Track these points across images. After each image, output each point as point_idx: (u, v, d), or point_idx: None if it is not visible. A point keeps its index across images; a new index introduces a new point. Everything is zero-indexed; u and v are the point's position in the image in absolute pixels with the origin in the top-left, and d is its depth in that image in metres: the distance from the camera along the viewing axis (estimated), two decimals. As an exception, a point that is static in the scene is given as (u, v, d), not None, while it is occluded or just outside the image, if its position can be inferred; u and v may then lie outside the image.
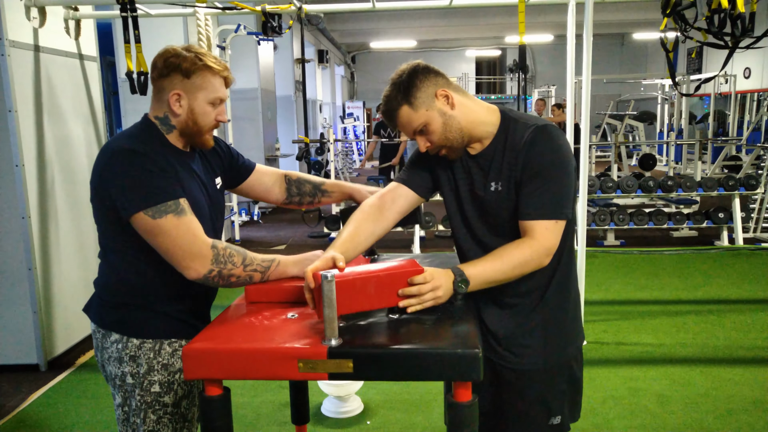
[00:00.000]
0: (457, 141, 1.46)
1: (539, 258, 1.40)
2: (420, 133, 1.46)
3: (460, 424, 1.19)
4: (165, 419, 1.52)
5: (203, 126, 1.50)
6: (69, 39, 3.84)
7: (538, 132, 1.42)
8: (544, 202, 1.40)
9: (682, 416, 2.81)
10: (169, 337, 1.52)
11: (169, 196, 1.38)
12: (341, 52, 17.62)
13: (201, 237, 1.41)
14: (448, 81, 1.47)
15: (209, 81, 1.47)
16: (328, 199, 1.85)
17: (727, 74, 11.11)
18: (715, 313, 4.22)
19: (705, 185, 6.26)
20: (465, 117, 1.45)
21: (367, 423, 2.83)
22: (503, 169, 1.45)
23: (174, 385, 1.52)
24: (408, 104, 1.43)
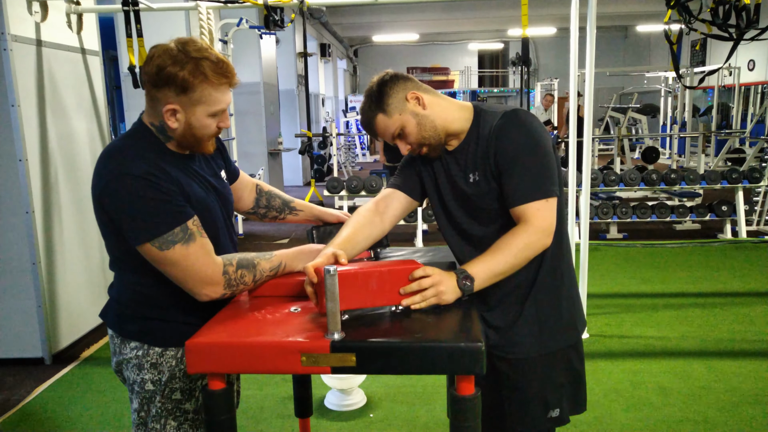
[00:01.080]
0: (433, 138, 1.50)
1: (539, 239, 1.40)
2: (398, 137, 1.51)
3: (463, 418, 1.20)
4: (186, 426, 1.50)
5: (203, 137, 1.41)
6: (71, 33, 3.84)
7: (506, 118, 1.45)
8: (527, 184, 1.41)
9: (684, 409, 2.82)
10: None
11: (175, 223, 1.32)
12: (343, 46, 17.58)
13: (212, 263, 1.36)
14: (418, 84, 1.52)
15: (210, 94, 1.35)
16: (295, 218, 1.83)
17: (731, 66, 11.05)
18: (718, 305, 4.22)
19: (708, 178, 6.24)
20: (438, 115, 1.50)
21: (370, 416, 2.84)
22: (477, 159, 1.49)
23: (195, 392, 1.51)
24: (382, 112, 1.49)
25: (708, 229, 6.68)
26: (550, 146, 1.46)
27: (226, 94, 1.39)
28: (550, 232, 1.42)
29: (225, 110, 1.41)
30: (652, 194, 7.55)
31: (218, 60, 1.36)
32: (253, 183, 1.80)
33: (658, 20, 12.86)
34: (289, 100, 11.21)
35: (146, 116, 1.43)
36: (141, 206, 1.31)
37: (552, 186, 1.43)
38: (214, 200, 1.50)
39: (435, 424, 2.75)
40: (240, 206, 1.78)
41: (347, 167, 12.38)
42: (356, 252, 1.53)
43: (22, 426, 2.84)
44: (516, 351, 1.55)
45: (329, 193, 6.41)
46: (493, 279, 1.39)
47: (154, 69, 1.32)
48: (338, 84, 17.05)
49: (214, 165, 1.58)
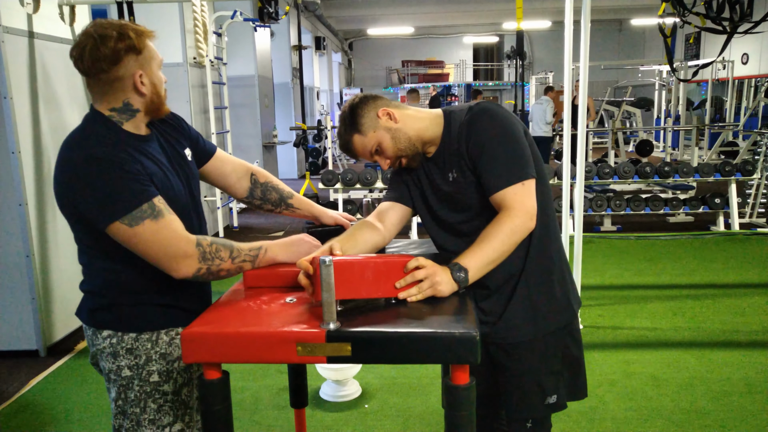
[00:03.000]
0: (410, 149, 1.55)
1: (523, 222, 1.42)
2: (376, 153, 1.56)
3: (457, 407, 1.21)
4: (166, 407, 1.51)
5: (162, 95, 1.47)
6: (64, 25, 3.82)
7: (472, 112, 1.50)
8: (501, 170, 1.45)
9: (677, 398, 2.85)
10: (165, 326, 1.51)
11: (143, 199, 1.32)
12: (338, 39, 17.53)
13: (184, 237, 1.36)
14: (388, 101, 1.57)
15: (152, 49, 1.44)
16: (292, 214, 1.81)
17: (725, 60, 11.09)
18: (711, 297, 4.25)
19: (702, 171, 6.27)
20: (410, 126, 1.54)
21: (365, 406, 2.86)
22: (453, 158, 1.53)
23: (173, 373, 1.52)
24: (357, 132, 1.54)
25: (701, 221, 6.72)
26: (519, 131, 1.49)
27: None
28: (532, 214, 1.44)
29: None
30: (646, 187, 7.58)
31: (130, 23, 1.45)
32: (245, 168, 1.74)
33: (652, 14, 12.88)
34: (284, 93, 11.18)
35: (102, 106, 1.42)
36: (107, 186, 1.31)
37: (526, 168, 1.46)
38: (176, 180, 1.49)
39: (430, 415, 2.77)
40: (231, 191, 1.74)
41: (342, 160, 12.37)
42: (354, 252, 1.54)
43: (17, 418, 2.84)
44: (511, 335, 1.56)
45: (324, 186, 6.41)
46: (485, 268, 1.41)
47: (108, 51, 1.35)
48: (333, 77, 17.01)
49: (175, 143, 1.56)
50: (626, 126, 12.56)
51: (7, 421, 2.82)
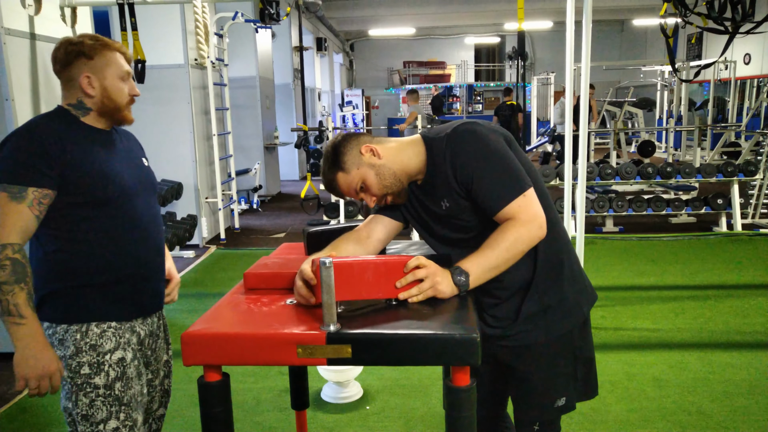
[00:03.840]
0: (395, 186, 1.52)
1: (529, 231, 1.40)
2: (361, 190, 1.53)
3: (458, 409, 1.20)
4: (98, 402, 1.52)
5: (119, 101, 1.59)
6: (65, 27, 3.82)
7: (449, 139, 1.46)
8: (497, 190, 1.41)
9: (679, 400, 2.84)
10: (96, 319, 1.54)
11: (23, 181, 1.44)
12: (340, 40, 17.54)
13: (6, 231, 1.41)
14: (370, 137, 1.57)
15: (111, 58, 1.57)
16: None
17: (727, 60, 11.08)
18: (713, 298, 4.24)
19: (704, 171, 6.26)
20: (393, 161, 1.52)
21: (367, 408, 2.85)
22: (443, 187, 1.49)
23: (104, 365, 1.53)
24: (340, 170, 1.52)
25: (703, 222, 6.71)
26: (503, 145, 1.46)
27: (123, 61, 1.61)
28: (540, 222, 1.41)
29: (130, 78, 1.62)
30: (648, 188, 7.56)
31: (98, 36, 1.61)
32: None
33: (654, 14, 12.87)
34: (285, 94, 11.17)
35: (63, 101, 1.61)
36: (12, 152, 1.46)
37: (521, 180, 1.43)
38: (132, 174, 1.61)
39: (431, 416, 2.76)
40: None
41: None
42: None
43: (18, 420, 2.84)
44: (522, 338, 1.54)
45: (325, 187, 6.40)
46: (487, 274, 1.40)
47: (61, 54, 1.57)
48: (334, 78, 17.01)
49: (137, 150, 1.74)
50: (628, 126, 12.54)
51: (8, 423, 2.82)
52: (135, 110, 1.67)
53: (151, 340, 1.70)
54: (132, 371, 1.57)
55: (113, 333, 1.55)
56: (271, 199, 9.27)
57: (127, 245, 1.57)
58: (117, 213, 1.55)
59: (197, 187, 6.07)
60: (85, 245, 1.52)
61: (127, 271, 1.58)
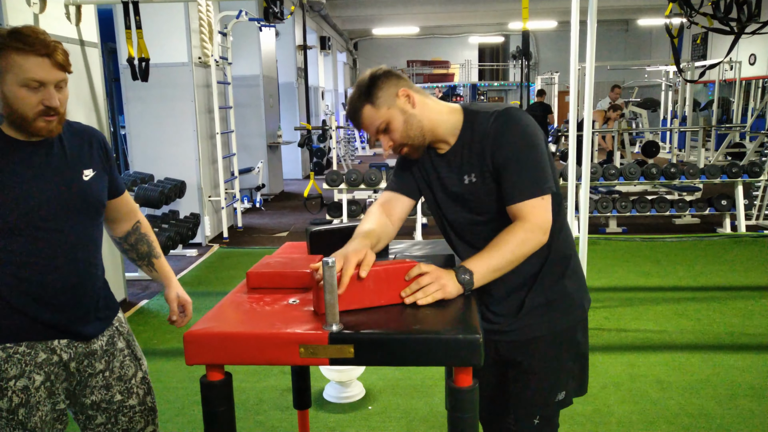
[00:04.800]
0: (418, 139, 1.50)
1: (535, 236, 1.41)
2: (383, 131, 1.50)
3: (461, 409, 1.20)
4: (2, 422, 1.45)
5: (24, 112, 1.38)
6: (70, 25, 3.83)
7: (501, 118, 1.45)
8: (524, 183, 1.42)
9: (682, 402, 2.83)
10: (3, 341, 1.44)
11: None
12: (343, 39, 17.54)
13: None
14: (410, 83, 1.52)
15: (15, 62, 1.34)
16: (148, 272, 1.79)
17: (732, 61, 11.03)
18: (717, 299, 4.22)
19: (708, 172, 6.23)
20: (426, 116, 1.49)
21: (369, 408, 2.85)
22: (474, 160, 1.48)
23: (8, 391, 1.44)
24: (370, 103, 1.47)
25: (707, 223, 6.68)
26: (543, 143, 1.47)
27: (41, 66, 1.36)
28: (546, 229, 1.43)
29: (47, 85, 1.38)
30: (652, 188, 7.55)
31: (27, 32, 1.36)
32: (134, 215, 1.75)
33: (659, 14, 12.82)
34: (289, 93, 11.18)
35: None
36: None
37: (547, 183, 1.43)
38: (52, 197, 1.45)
39: (434, 417, 2.76)
40: (112, 227, 1.74)
41: (346, 160, 12.37)
42: (379, 248, 1.56)
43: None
44: (524, 332, 1.55)
45: (328, 186, 6.41)
46: (491, 274, 1.40)
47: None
48: (338, 77, 17.01)
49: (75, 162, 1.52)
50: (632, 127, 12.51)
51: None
52: (139, 107, 1.57)
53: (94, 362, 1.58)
54: (42, 394, 1.48)
55: (19, 359, 1.45)
56: (274, 197, 9.28)
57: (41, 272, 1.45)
58: (26, 240, 1.42)
59: (200, 186, 6.07)
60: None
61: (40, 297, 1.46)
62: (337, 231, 1.69)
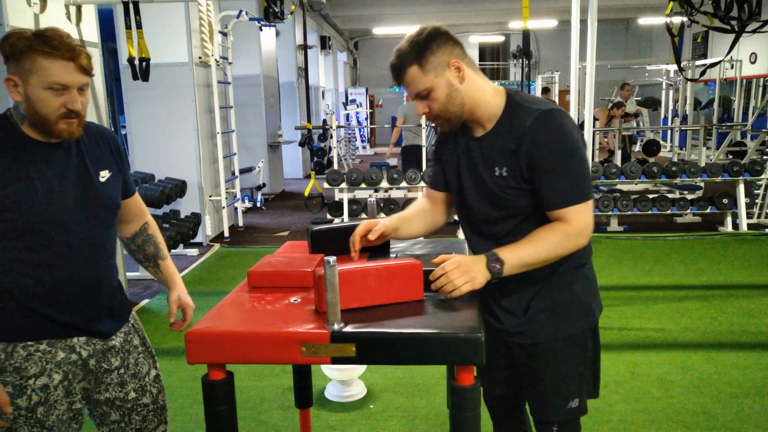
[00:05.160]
0: (455, 115, 1.46)
1: (575, 239, 1.41)
2: (423, 97, 1.45)
3: (462, 408, 1.20)
4: (20, 420, 1.46)
5: (46, 114, 1.39)
6: (70, 25, 3.82)
7: (542, 119, 1.39)
8: (570, 188, 1.39)
9: (684, 400, 2.82)
10: (23, 339, 1.46)
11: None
12: (344, 38, 17.53)
13: None
14: (464, 53, 1.45)
15: (41, 65, 1.36)
16: (153, 273, 1.79)
17: (733, 59, 11.02)
18: (719, 298, 4.22)
19: (709, 171, 6.23)
20: (471, 94, 1.44)
21: (371, 407, 2.85)
22: (507, 154, 1.43)
23: (27, 389, 1.46)
24: (418, 65, 1.41)
25: (709, 222, 6.68)
26: (583, 148, 1.44)
27: (65, 69, 1.38)
28: (587, 233, 1.42)
29: (71, 89, 1.40)
30: (653, 187, 7.54)
31: (53, 35, 1.38)
32: (143, 216, 1.76)
33: (659, 12, 12.81)
34: (289, 92, 11.18)
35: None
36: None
37: (588, 188, 1.42)
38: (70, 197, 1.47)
39: (435, 415, 2.76)
40: (120, 231, 1.74)
41: (347, 160, 12.37)
42: (410, 232, 1.62)
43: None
44: (531, 336, 1.53)
45: (329, 186, 6.41)
46: (522, 268, 1.40)
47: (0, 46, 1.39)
48: (338, 76, 17.01)
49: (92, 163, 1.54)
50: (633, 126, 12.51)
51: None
52: (140, 107, 1.57)
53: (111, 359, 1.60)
54: (60, 392, 1.50)
55: (40, 357, 1.47)
56: (275, 197, 9.27)
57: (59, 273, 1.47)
58: (46, 241, 1.44)
59: (201, 185, 6.07)
60: (7, 269, 1.42)
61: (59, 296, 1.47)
62: (338, 230, 1.69)
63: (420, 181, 6.24)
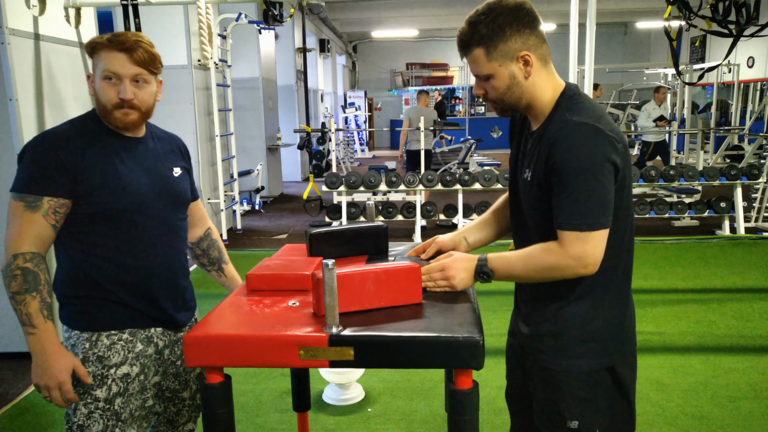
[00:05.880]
0: (510, 106, 1.40)
1: (568, 266, 1.30)
2: (482, 80, 1.38)
3: (461, 412, 1.20)
4: (96, 414, 1.48)
5: (105, 103, 1.49)
6: (69, 27, 3.83)
7: (569, 129, 1.30)
8: (572, 211, 1.29)
9: (682, 404, 2.83)
10: (107, 328, 1.51)
11: (37, 190, 1.43)
12: (342, 42, 17.55)
13: (20, 239, 1.42)
14: (541, 41, 1.35)
15: (103, 57, 1.48)
16: (217, 278, 1.88)
17: (731, 63, 11.05)
18: (716, 301, 4.22)
19: (707, 174, 6.24)
20: (532, 90, 1.36)
21: (368, 410, 2.85)
22: (535, 158, 1.37)
23: (108, 379, 1.50)
24: (485, 48, 1.33)
25: (706, 225, 6.69)
26: (606, 167, 1.28)
27: (119, 60, 1.48)
28: (586, 263, 1.29)
29: (124, 80, 1.48)
30: (651, 190, 7.55)
31: (120, 33, 1.51)
32: (206, 221, 1.84)
33: (657, 16, 12.84)
34: (288, 95, 11.19)
35: None
36: (30, 161, 1.46)
37: (599, 218, 1.28)
38: (150, 188, 1.55)
39: (433, 419, 2.75)
40: (188, 236, 1.79)
41: (346, 163, 12.38)
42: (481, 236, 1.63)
43: (19, 420, 2.84)
44: (532, 358, 1.48)
45: (328, 189, 6.41)
46: (508, 279, 1.40)
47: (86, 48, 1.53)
48: (337, 79, 17.02)
49: (167, 159, 1.65)
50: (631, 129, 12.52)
51: (10, 423, 2.82)
52: None
53: (177, 350, 1.65)
54: (135, 386, 1.54)
55: (122, 346, 1.52)
56: (273, 200, 9.27)
57: (138, 258, 1.52)
58: (128, 225, 1.50)
59: (199, 188, 6.07)
60: (94, 255, 1.49)
61: (139, 283, 1.53)
62: (337, 233, 1.69)
63: (418, 185, 6.24)
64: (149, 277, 1.54)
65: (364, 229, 1.69)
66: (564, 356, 1.42)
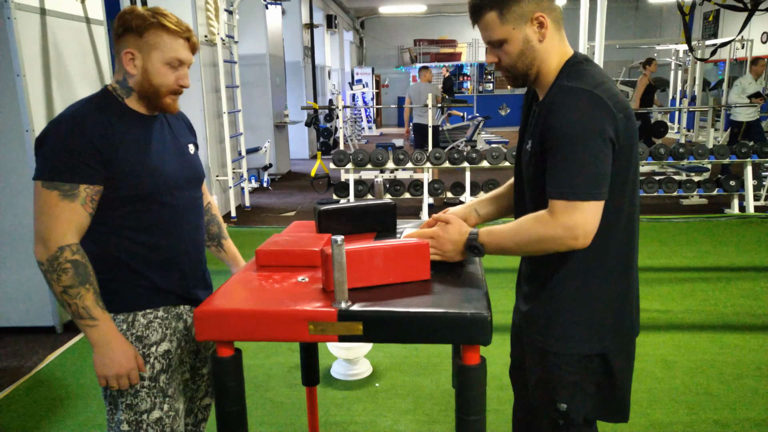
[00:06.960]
0: (521, 74, 1.36)
1: (559, 237, 1.26)
2: (495, 46, 1.35)
3: (468, 387, 1.21)
4: (143, 393, 1.49)
5: (159, 87, 1.46)
6: (75, 2, 3.80)
7: (564, 93, 1.27)
8: (562, 179, 1.25)
9: (688, 381, 2.84)
10: (143, 308, 1.51)
11: (72, 177, 1.37)
12: (350, 17, 17.37)
13: (62, 231, 1.38)
14: (553, 6, 1.32)
15: (164, 40, 1.43)
16: (216, 252, 1.86)
17: (744, 39, 10.87)
18: (723, 280, 4.22)
19: (717, 153, 6.19)
20: (544, 56, 1.33)
21: (376, 385, 2.88)
22: (534, 128, 1.35)
23: (150, 358, 1.50)
24: (498, 12, 1.30)
25: (715, 204, 6.65)
26: (601, 138, 1.24)
27: (183, 47, 1.47)
28: (575, 234, 1.25)
29: (184, 66, 1.49)
30: (660, 168, 7.50)
31: (168, 14, 1.47)
32: (206, 196, 1.82)
33: (670, -9, 12.60)
34: (296, 72, 11.12)
35: (113, 78, 1.53)
36: (59, 146, 1.38)
37: (590, 189, 1.24)
38: (176, 169, 1.54)
39: (440, 394, 2.79)
40: None
41: (353, 140, 12.34)
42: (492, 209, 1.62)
43: (34, 393, 2.90)
44: (527, 336, 1.48)
45: (335, 166, 6.40)
46: (501, 253, 1.38)
47: (117, 22, 1.45)
48: (344, 56, 16.89)
49: (182, 136, 1.62)
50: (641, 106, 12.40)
51: (25, 395, 2.87)
52: None
53: None
54: (176, 361, 1.56)
55: (159, 324, 1.52)
56: (281, 177, 9.28)
57: (167, 237, 1.52)
58: (157, 206, 1.49)
59: (208, 165, 6.08)
60: (123, 237, 1.47)
61: (169, 262, 1.53)
62: (345, 210, 1.70)
63: (426, 162, 6.22)
64: (178, 255, 1.55)
65: (373, 206, 1.69)
66: (556, 337, 1.40)
